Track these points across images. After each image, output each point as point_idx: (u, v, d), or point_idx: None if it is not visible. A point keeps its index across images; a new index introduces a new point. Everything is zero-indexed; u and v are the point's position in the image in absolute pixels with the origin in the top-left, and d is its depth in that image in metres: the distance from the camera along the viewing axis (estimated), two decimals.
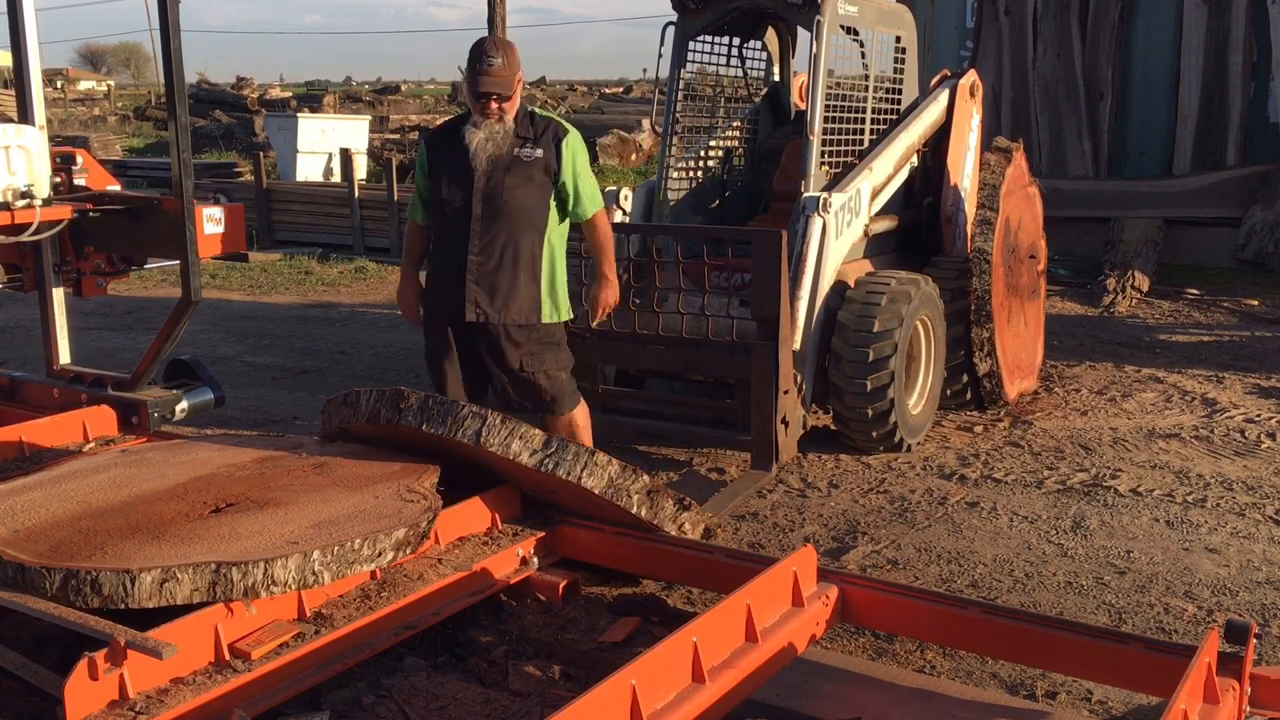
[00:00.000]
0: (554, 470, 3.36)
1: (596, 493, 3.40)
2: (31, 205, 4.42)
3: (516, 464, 3.36)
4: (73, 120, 32.14)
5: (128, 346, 8.35)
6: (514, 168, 4.25)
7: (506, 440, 3.33)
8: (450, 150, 4.33)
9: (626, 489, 3.47)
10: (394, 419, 3.39)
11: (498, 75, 4.18)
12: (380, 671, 2.94)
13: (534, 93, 31.48)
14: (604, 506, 3.51)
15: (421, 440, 3.48)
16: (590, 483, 3.39)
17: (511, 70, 4.22)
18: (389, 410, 3.39)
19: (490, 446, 3.31)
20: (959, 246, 6.49)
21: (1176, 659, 2.54)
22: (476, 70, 4.18)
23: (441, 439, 3.36)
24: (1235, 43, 11.19)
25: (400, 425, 3.41)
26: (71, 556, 2.73)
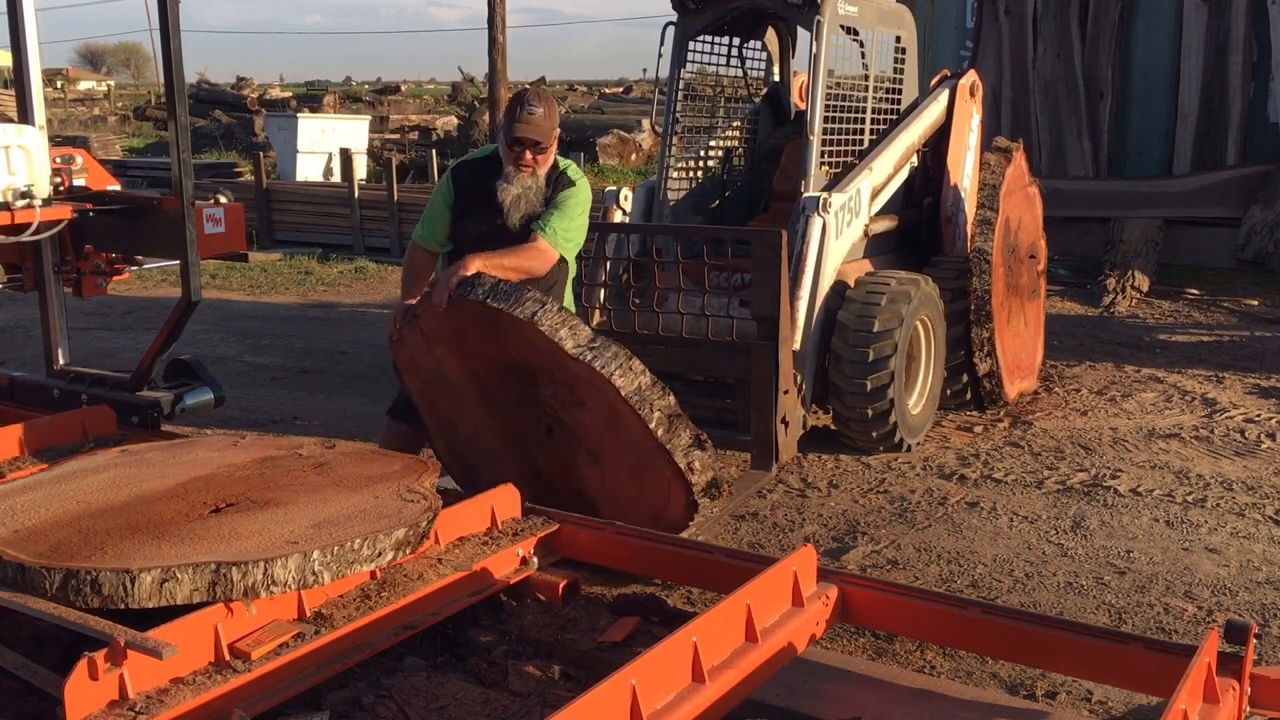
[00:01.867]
0: (591, 361, 3.55)
1: (623, 393, 3.53)
2: (31, 205, 4.41)
3: (557, 349, 3.56)
4: (73, 120, 32.14)
5: (128, 346, 8.35)
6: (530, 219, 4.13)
7: (556, 326, 3.59)
8: (481, 195, 4.19)
9: (651, 402, 3.59)
10: (465, 293, 3.72)
11: (537, 124, 4.03)
12: (380, 671, 2.94)
13: None
14: (622, 420, 3.60)
15: (481, 322, 3.74)
16: (620, 382, 3.53)
17: (551, 123, 4.08)
18: (463, 287, 3.73)
19: (541, 325, 3.56)
20: (959, 246, 6.49)
21: (1176, 659, 2.54)
22: (514, 117, 4.04)
23: (501, 313, 3.64)
24: (1235, 43, 11.19)
25: (468, 300, 3.70)
26: (71, 556, 2.73)
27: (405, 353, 4.13)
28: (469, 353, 3.92)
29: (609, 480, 3.88)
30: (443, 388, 4.11)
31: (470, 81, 30.99)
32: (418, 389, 4.20)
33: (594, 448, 3.84)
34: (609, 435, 3.74)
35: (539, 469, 4.04)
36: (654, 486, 3.75)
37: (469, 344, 3.90)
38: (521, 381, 3.86)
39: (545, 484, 4.02)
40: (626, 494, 3.85)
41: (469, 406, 4.09)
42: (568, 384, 3.73)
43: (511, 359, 3.82)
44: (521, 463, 4.06)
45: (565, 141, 21.68)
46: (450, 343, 3.94)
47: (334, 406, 6.81)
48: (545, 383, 3.82)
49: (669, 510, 3.76)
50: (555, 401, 3.84)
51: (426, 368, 4.11)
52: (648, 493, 3.79)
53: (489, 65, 17.76)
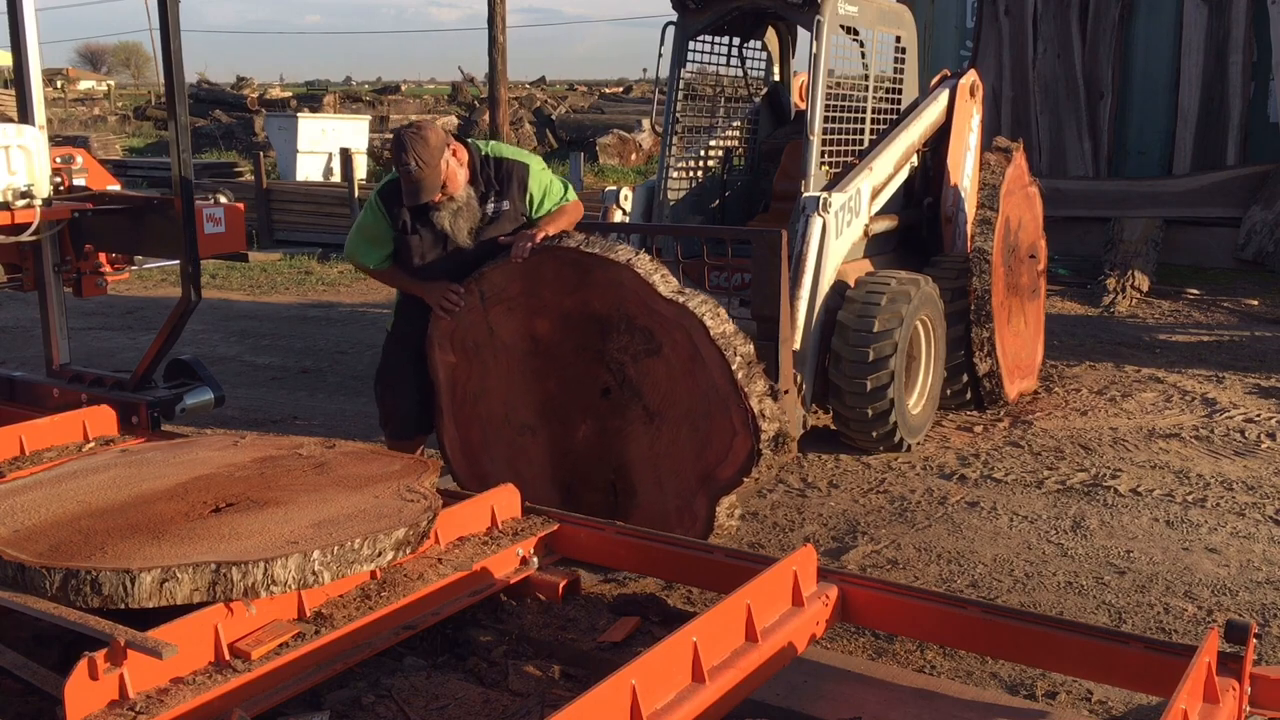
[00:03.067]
0: (685, 302, 3.76)
1: (712, 334, 3.71)
2: (31, 205, 4.41)
3: (651, 291, 3.79)
4: (73, 120, 32.15)
5: (128, 346, 8.35)
6: (492, 223, 4.19)
7: (651, 271, 3.85)
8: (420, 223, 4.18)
9: (735, 346, 3.77)
10: (556, 240, 3.99)
11: (424, 183, 3.99)
12: (380, 671, 2.94)
13: (534, 93, 31.48)
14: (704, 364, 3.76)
15: (565, 273, 3.97)
16: (710, 323, 3.73)
17: (434, 165, 4.00)
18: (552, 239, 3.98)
19: (637, 268, 3.82)
20: (959, 246, 6.49)
21: (1176, 659, 2.53)
22: (402, 180, 4.02)
23: (596, 258, 3.89)
24: (1235, 43, 11.19)
25: (560, 248, 3.96)
26: (71, 556, 2.73)
27: (449, 324, 4.22)
28: (537, 309, 4.06)
29: (662, 438, 3.94)
30: (483, 359, 4.20)
31: (470, 81, 31.02)
32: (448, 364, 4.26)
33: (654, 404, 3.92)
34: (681, 383, 3.85)
35: (573, 441, 4.09)
36: (718, 437, 3.82)
37: (542, 298, 4.05)
38: (590, 334, 3.99)
39: (575, 458, 4.09)
40: (678, 452, 3.92)
41: (511, 375, 4.17)
42: (647, 330, 3.87)
43: (590, 309, 3.96)
44: (555, 434, 4.13)
45: (566, 141, 21.70)
46: (515, 300, 4.08)
47: (334, 406, 6.81)
48: (620, 333, 3.94)
49: (727, 464, 3.83)
50: (625, 354, 3.95)
51: (471, 337, 4.20)
52: (708, 446, 3.86)
53: (489, 65, 17.77)
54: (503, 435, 4.28)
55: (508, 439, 4.27)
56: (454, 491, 3.85)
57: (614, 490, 4.09)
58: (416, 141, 3.98)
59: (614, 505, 4.08)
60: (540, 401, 4.17)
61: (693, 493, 3.93)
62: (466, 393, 4.30)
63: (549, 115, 24.37)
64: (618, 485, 4.08)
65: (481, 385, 4.26)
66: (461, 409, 4.32)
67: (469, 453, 4.36)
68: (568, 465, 4.14)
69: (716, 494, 3.89)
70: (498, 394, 4.24)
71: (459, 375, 4.29)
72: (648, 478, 3.99)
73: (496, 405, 4.25)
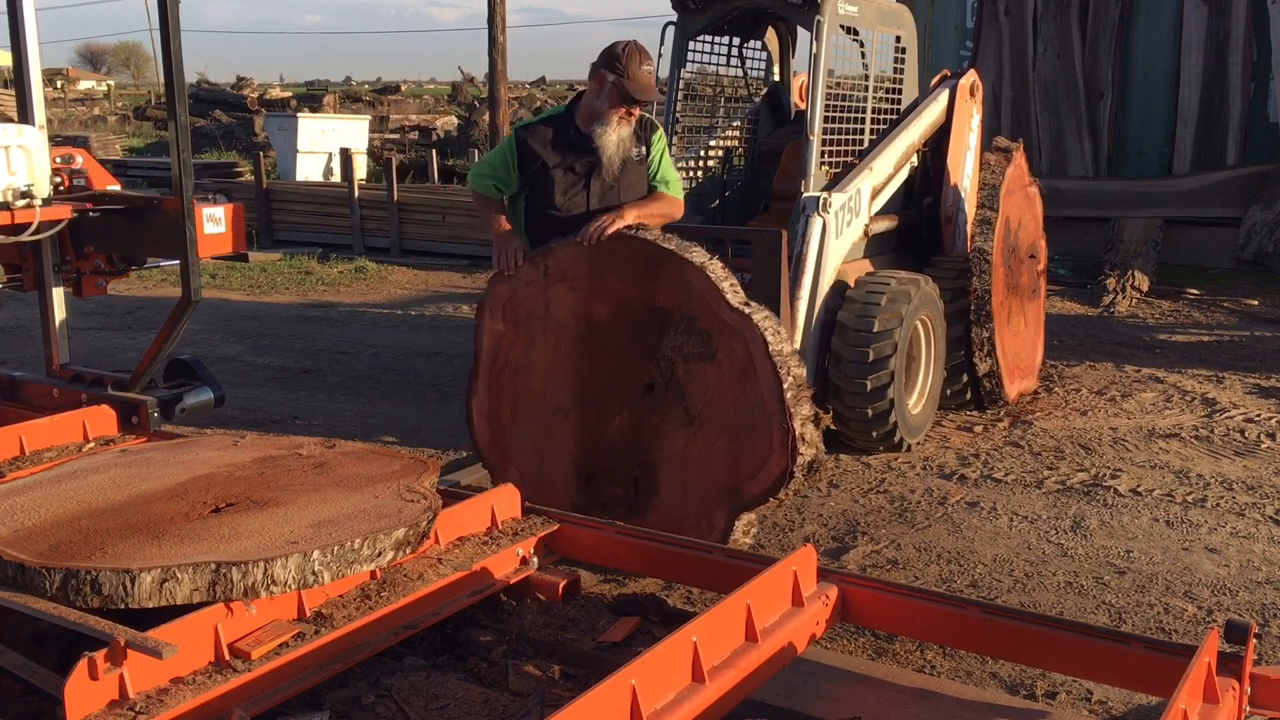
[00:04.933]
0: (750, 313, 3.81)
1: (770, 349, 3.76)
2: (31, 205, 4.41)
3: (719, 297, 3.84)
4: (73, 120, 32.16)
5: (128, 346, 8.35)
6: (629, 167, 4.31)
7: (722, 277, 3.90)
8: (557, 150, 4.30)
9: (789, 366, 3.80)
10: (634, 230, 4.02)
11: (651, 84, 4.24)
12: (380, 671, 2.94)
13: (534, 93, 31.49)
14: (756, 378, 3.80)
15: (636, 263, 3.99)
16: (770, 339, 3.78)
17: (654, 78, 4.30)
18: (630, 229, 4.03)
19: (709, 272, 3.88)
20: (959, 246, 6.49)
21: (1176, 659, 2.53)
22: (627, 74, 4.17)
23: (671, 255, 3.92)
24: (1235, 43, 11.20)
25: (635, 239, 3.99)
26: (71, 556, 2.73)
27: (506, 291, 4.22)
28: (599, 292, 4.06)
29: (697, 443, 3.94)
30: (532, 332, 4.19)
31: (470, 81, 31.00)
32: (495, 331, 4.26)
33: (696, 408, 3.93)
34: (729, 393, 3.86)
35: (606, 430, 4.08)
36: (753, 452, 3.83)
37: (606, 283, 4.05)
38: (647, 328, 4.00)
39: (603, 447, 4.08)
40: (710, 459, 3.91)
41: (557, 353, 4.16)
42: (707, 334, 3.88)
43: (653, 302, 3.97)
44: (588, 420, 4.12)
45: None
46: (579, 280, 4.08)
47: (334, 406, 6.82)
48: (678, 331, 3.95)
49: (757, 481, 3.83)
50: (678, 353, 3.96)
51: (525, 309, 4.20)
52: (741, 459, 3.86)
53: (489, 65, 17.75)
54: (535, 412, 4.23)
55: (539, 417, 4.23)
56: (454, 491, 3.85)
57: (636, 486, 4.06)
58: (643, 51, 4.27)
59: (632, 501, 4.05)
60: (580, 385, 4.14)
61: (716, 503, 3.90)
62: (508, 363, 4.26)
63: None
64: (641, 482, 4.04)
65: (524, 358, 4.23)
66: (499, 378, 4.28)
67: (495, 423, 4.32)
68: (594, 453, 4.11)
69: (739, 508, 3.87)
70: (539, 370, 4.21)
71: (504, 344, 4.26)
72: (673, 479, 3.97)
73: (535, 381, 4.22)
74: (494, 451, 4.31)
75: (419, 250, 13.36)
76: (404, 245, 13.52)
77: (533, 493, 3.97)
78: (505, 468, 4.27)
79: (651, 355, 4.00)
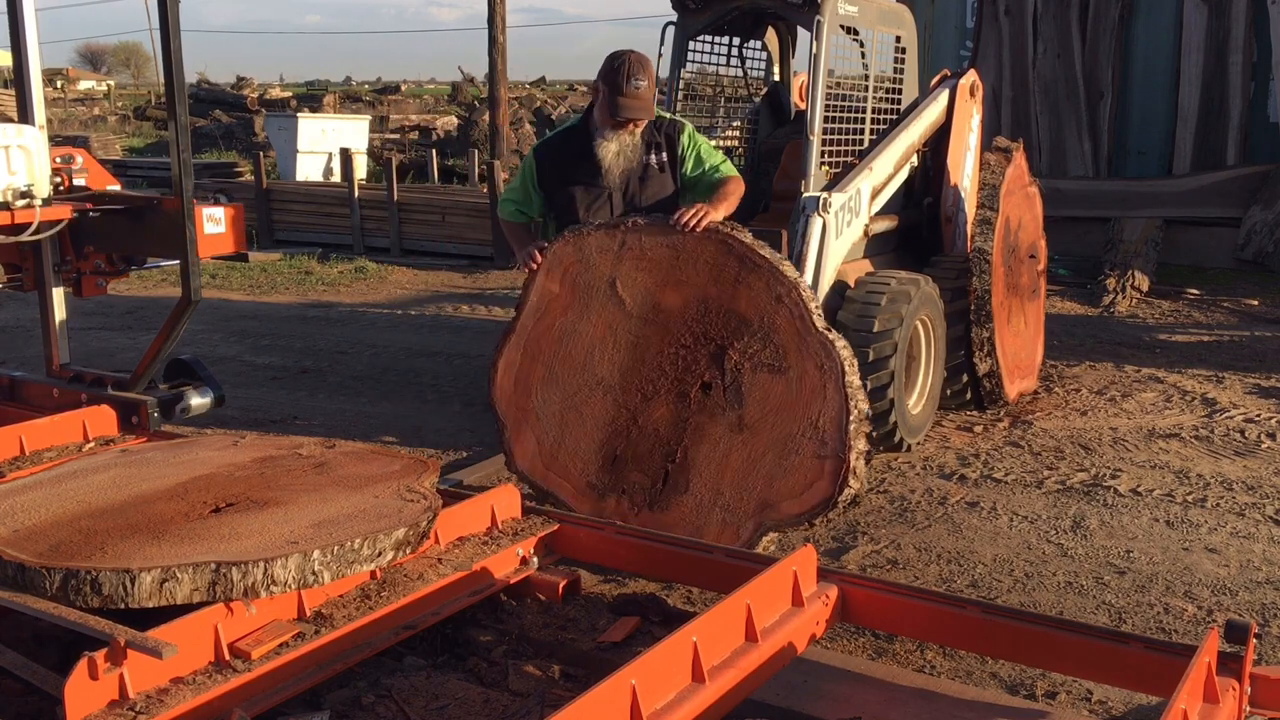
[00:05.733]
0: (832, 340, 3.81)
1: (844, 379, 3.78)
2: (31, 205, 4.41)
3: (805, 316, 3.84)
4: (73, 120, 32.18)
5: (128, 346, 8.35)
6: (647, 176, 4.29)
7: (810, 299, 3.89)
8: (573, 164, 4.30)
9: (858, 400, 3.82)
10: (728, 227, 4.03)
11: (643, 101, 4.20)
12: (380, 671, 2.94)
13: (534, 93, 31.49)
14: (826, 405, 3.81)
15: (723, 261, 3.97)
16: (848, 370, 3.78)
17: (652, 91, 4.24)
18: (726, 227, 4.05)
19: (801, 290, 3.88)
20: (959, 246, 6.49)
21: (1176, 659, 2.53)
22: (619, 90, 4.16)
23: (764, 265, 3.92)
24: (1235, 43, 11.20)
25: (733, 236, 3.99)
26: (71, 556, 2.73)
27: (571, 254, 4.14)
28: (676, 281, 4.02)
29: (742, 452, 3.89)
30: (588, 301, 4.12)
31: (470, 81, 31.01)
32: (548, 291, 4.16)
33: (751, 417, 3.89)
34: (791, 411, 3.84)
35: (647, 417, 4.00)
36: (799, 474, 3.81)
37: (685, 274, 4.02)
38: (720, 328, 3.97)
39: (639, 434, 4.00)
40: (752, 471, 3.87)
41: (612, 329, 4.08)
42: (783, 349, 3.86)
43: (733, 305, 3.95)
44: (629, 404, 4.03)
45: None
46: (655, 264, 4.05)
47: (334, 406, 6.82)
48: (753, 339, 3.93)
49: (796, 503, 3.81)
50: (747, 359, 3.93)
51: (586, 277, 4.12)
52: (784, 478, 3.83)
53: (489, 65, 17.77)
54: (569, 381, 4.13)
55: (573, 387, 4.13)
56: (454, 491, 3.85)
57: (664, 479, 3.99)
58: (644, 63, 4.24)
59: (656, 494, 3.98)
60: (630, 367, 4.06)
61: (747, 515, 3.85)
62: (553, 326, 4.17)
63: (549, 115, 24.37)
64: (671, 476, 3.97)
65: (574, 326, 4.14)
66: (539, 339, 4.18)
67: (522, 383, 4.20)
68: (627, 437, 4.02)
69: (770, 525, 3.84)
70: (586, 340, 4.11)
71: (554, 306, 4.16)
72: (707, 482, 3.92)
73: (579, 350, 4.12)
74: (512, 411, 4.18)
75: (419, 250, 13.36)
76: (404, 245, 13.52)
77: (545, 460, 3.90)
78: (521, 430, 4.14)
79: (717, 356, 3.96)
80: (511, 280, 11.60)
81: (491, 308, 10.08)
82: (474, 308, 10.10)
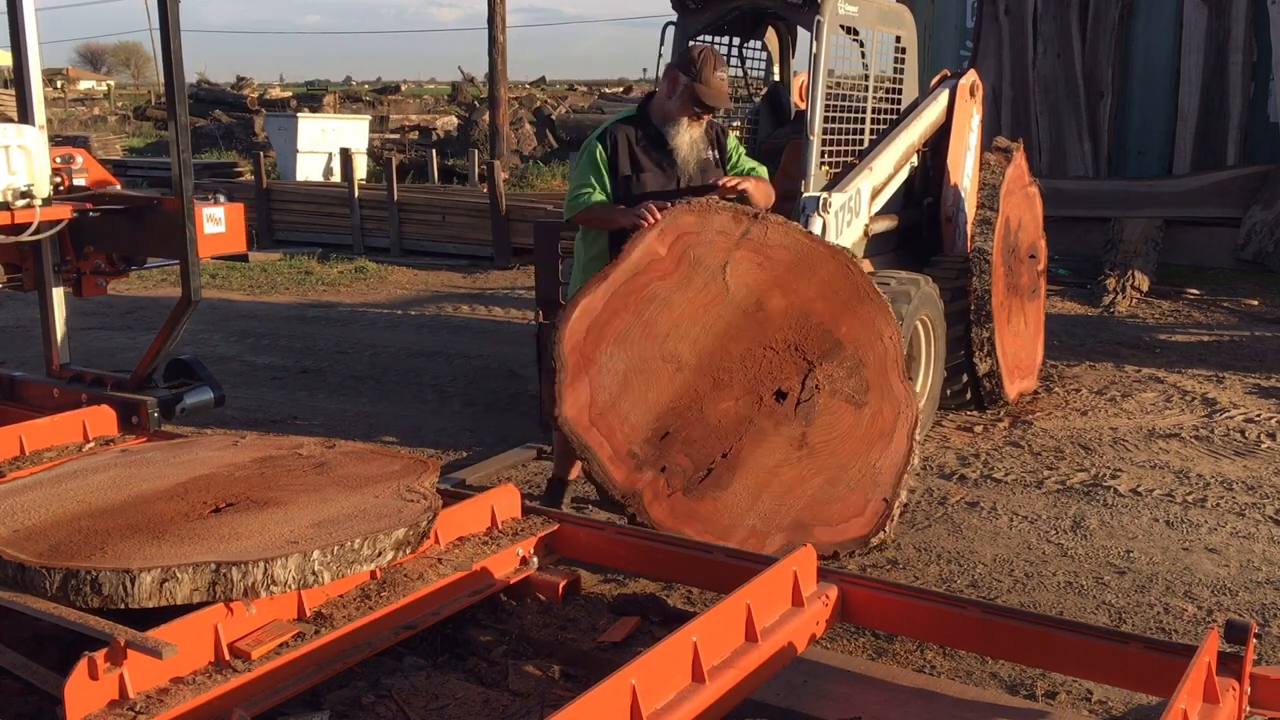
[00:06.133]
0: (913, 389, 3.93)
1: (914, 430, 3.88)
2: (31, 205, 4.41)
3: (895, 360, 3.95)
4: (73, 120, 32.19)
5: (128, 346, 8.35)
6: (708, 169, 4.39)
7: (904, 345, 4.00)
8: (645, 152, 4.35)
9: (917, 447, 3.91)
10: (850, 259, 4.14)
11: (724, 90, 4.30)
12: (380, 671, 2.94)
13: (534, 93, 31.49)
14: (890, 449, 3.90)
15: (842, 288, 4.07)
16: (921, 419, 3.92)
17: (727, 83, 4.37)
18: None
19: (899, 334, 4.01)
20: (959, 246, 6.49)
21: (1176, 659, 2.54)
22: (699, 79, 4.23)
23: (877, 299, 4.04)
24: (1235, 43, 11.19)
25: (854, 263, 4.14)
26: (71, 556, 2.73)
27: (694, 222, 4.10)
28: (786, 286, 4.05)
29: (795, 469, 3.87)
30: (691, 275, 4.04)
31: (470, 81, 31.02)
32: (652, 251, 4.04)
33: (815, 439, 3.89)
34: (855, 444, 3.89)
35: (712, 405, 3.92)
36: (843, 506, 3.83)
37: (798, 283, 4.06)
38: (815, 345, 3.99)
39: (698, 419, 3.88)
40: (798, 489, 3.85)
41: (706, 311, 4.02)
42: (866, 384, 3.94)
43: (834, 327, 4.01)
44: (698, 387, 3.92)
45: (566, 141, 21.71)
46: (771, 263, 4.07)
47: (334, 406, 6.82)
48: (843, 366, 3.97)
49: (830, 531, 3.80)
50: (830, 382, 3.96)
51: (698, 251, 4.07)
52: (827, 504, 3.82)
53: (489, 65, 17.79)
54: (644, 346, 3.96)
55: (646, 353, 3.95)
56: (454, 491, 3.85)
57: (709, 471, 3.87)
58: (720, 56, 4.38)
59: (695, 482, 3.85)
60: (710, 352, 3.97)
61: (779, 529, 3.79)
62: (646, 287, 4.01)
63: (549, 115, 24.37)
64: (716, 471, 3.86)
65: (668, 295, 4.01)
66: (627, 295, 3.99)
67: (594, 332, 3.96)
68: (685, 418, 3.90)
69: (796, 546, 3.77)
70: (675, 312, 3.99)
71: (654, 268, 4.03)
72: (750, 486, 3.84)
73: (664, 320, 3.98)
74: (576, 356, 3.92)
75: (419, 250, 13.36)
76: (404, 245, 13.52)
77: (594, 415, 3.77)
78: (579, 377, 3.88)
79: (801, 370, 3.96)
80: (511, 280, 11.60)
81: (491, 308, 10.08)
82: (474, 308, 10.10)
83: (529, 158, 20.37)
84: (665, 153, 4.35)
